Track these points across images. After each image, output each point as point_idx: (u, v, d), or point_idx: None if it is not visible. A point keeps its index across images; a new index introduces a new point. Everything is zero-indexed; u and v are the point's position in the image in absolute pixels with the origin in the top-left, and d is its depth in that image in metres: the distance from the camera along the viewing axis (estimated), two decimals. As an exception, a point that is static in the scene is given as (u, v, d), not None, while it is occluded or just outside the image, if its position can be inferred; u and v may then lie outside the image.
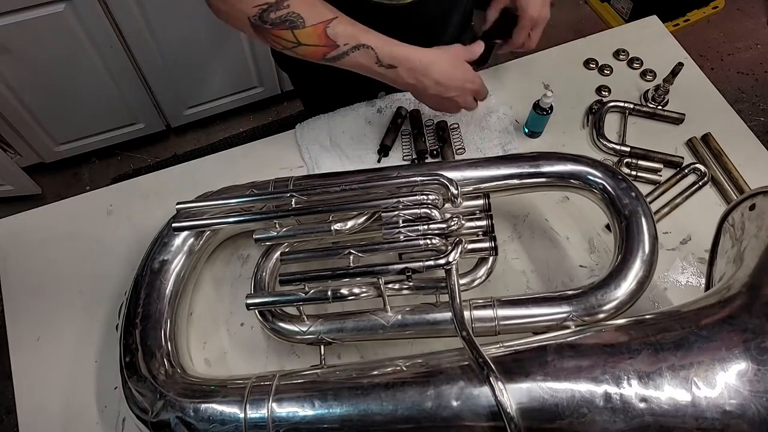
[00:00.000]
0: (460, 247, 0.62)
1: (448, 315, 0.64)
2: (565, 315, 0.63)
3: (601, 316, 0.63)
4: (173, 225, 0.70)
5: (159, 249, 0.73)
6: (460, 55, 0.78)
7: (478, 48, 0.81)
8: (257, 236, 0.68)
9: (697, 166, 0.86)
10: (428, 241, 0.63)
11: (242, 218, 0.69)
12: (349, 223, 0.66)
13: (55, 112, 1.67)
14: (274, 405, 0.58)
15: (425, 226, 0.63)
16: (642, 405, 0.50)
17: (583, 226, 0.82)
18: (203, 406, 0.60)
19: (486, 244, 0.65)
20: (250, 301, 0.65)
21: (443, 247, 0.63)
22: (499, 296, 0.66)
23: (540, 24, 0.85)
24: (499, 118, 0.92)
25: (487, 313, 0.64)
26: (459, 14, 0.92)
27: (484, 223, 0.67)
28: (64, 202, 0.88)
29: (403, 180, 0.67)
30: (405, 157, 0.89)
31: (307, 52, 0.72)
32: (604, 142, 0.88)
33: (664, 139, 0.90)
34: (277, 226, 0.68)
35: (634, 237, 0.65)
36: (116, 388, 0.70)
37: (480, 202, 0.68)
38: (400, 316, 0.66)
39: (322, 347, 0.68)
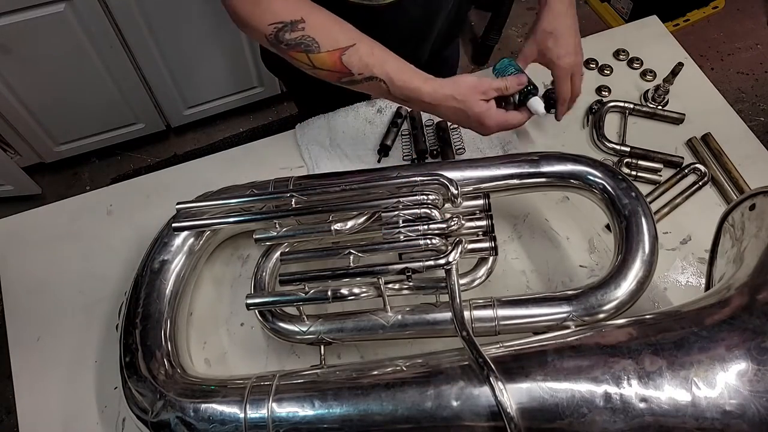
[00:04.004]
0: (460, 247, 0.62)
1: (448, 315, 0.64)
2: (565, 315, 0.63)
3: (601, 316, 0.63)
4: (173, 225, 0.70)
5: (159, 249, 0.73)
6: (469, 97, 0.72)
7: (499, 115, 0.74)
8: (257, 236, 0.68)
9: (697, 166, 0.86)
10: (428, 241, 0.63)
11: (242, 218, 0.69)
12: (349, 223, 0.66)
13: (55, 112, 1.67)
14: (274, 405, 0.58)
15: (425, 226, 0.63)
16: (642, 405, 0.50)
17: (583, 226, 0.82)
18: (203, 406, 0.60)
19: (486, 244, 0.65)
20: (250, 301, 0.65)
21: (443, 247, 0.63)
22: (499, 296, 0.66)
23: (577, 70, 0.81)
24: (499, 118, 0.92)
25: (487, 313, 0.64)
26: (444, 20, 0.90)
27: (484, 223, 0.67)
28: (64, 202, 0.88)
29: (403, 180, 0.67)
30: (405, 157, 0.89)
31: (322, 75, 0.72)
32: (604, 142, 0.88)
33: (664, 139, 0.90)
34: (277, 226, 0.68)
35: (634, 237, 0.65)
36: (116, 388, 0.70)
37: (480, 202, 0.68)
38: (400, 316, 0.66)
39: (322, 347, 0.68)
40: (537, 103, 0.75)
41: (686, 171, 0.86)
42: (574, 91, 0.82)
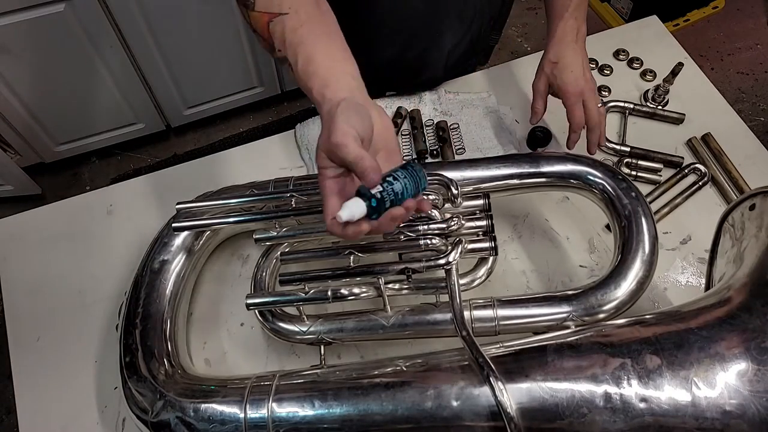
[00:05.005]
0: (460, 247, 0.62)
1: (448, 315, 0.64)
2: (565, 315, 0.63)
3: (601, 316, 0.63)
4: (173, 225, 0.70)
5: (159, 249, 0.73)
6: (320, 147, 0.52)
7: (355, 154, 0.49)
8: (257, 236, 0.68)
9: (697, 166, 0.86)
10: (428, 241, 0.63)
11: (242, 218, 0.69)
12: (349, 223, 0.66)
13: (55, 112, 1.67)
14: (274, 405, 0.58)
15: (425, 226, 0.63)
16: (642, 405, 0.50)
17: (583, 226, 0.82)
18: (203, 406, 0.60)
19: (486, 244, 0.65)
20: (250, 301, 0.65)
21: (443, 247, 0.63)
22: (499, 296, 0.66)
23: (588, 94, 0.77)
24: (499, 118, 0.92)
25: (487, 313, 0.64)
26: (457, 21, 0.87)
27: (484, 223, 0.67)
28: (64, 202, 0.88)
29: (403, 180, 0.67)
30: (405, 157, 0.89)
31: (259, 41, 0.63)
32: (604, 142, 0.88)
33: (664, 139, 0.90)
34: (277, 226, 0.68)
35: (634, 237, 0.65)
36: (116, 388, 0.70)
37: (480, 202, 0.68)
38: (400, 316, 0.66)
39: (322, 347, 0.68)
40: (354, 206, 0.50)
41: (686, 171, 0.86)
42: (591, 117, 0.78)
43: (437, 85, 0.96)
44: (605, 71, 0.98)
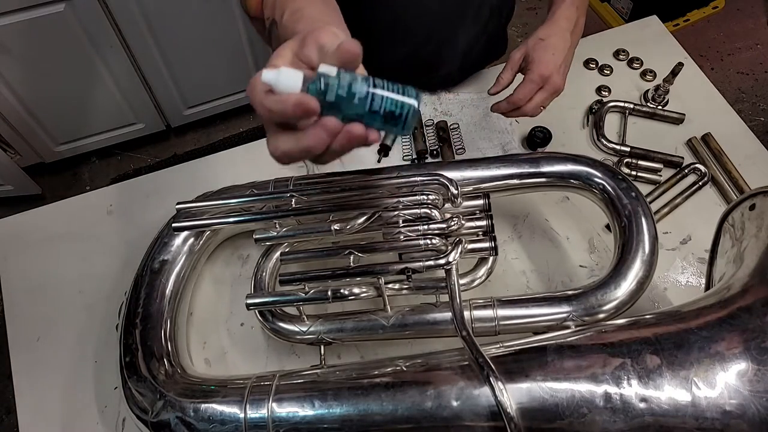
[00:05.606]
0: (460, 247, 0.62)
1: (448, 315, 0.64)
2: (565, 315, 0.63)
3: (601, 316, 0.63)
4: (173, 225, 0.70)
5: (159, 249, 0.73)
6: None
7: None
8: (257, 236, 0.68)
9: (697, 166, 0.86)
10: (428, 241, 0.63)
11: (242, 218, 0.69)
12: (349, 223, 0.66)
13: (55, 112, 1.67)
14: (274, 405, 0.58)
15: (425, 226, 0.63)
16: (642, 405, 0.50)
17: (583, 226, 0.82)
18: (203, 406, 0.60)
19: (486, 244, 0.65)
20: (250, 301, 0.65)
21: (443, 247, 0.63)
22: (499, 296, 0.66)
23: (549, 86, 0.72)
24: (499, 118, 0.92)
25: (487, 313, 0.64)
26: (471, 20, 0.87)
27: (484, 223, 0.67)
28: (64, 202, 0.88)
29: (403, 180, 0.67)
30: (405, 157, 0.89)
31: (255, 27, 0.61)
32: (604, 142, 0.88)
33: (664, 139, 0.90)
34: (277, 226, 0.68)
35: (634, 237, 0.65)
36: (116, 388, 0.70)
37: (480, 202, 0.68)
38: (400, 316, 0.66)
39: (322, 347, 0.68)
40: (289, 74, 0.41)
41: (686, 171, 0.86)
42: (528, 106, 0.73)
43: (454, 84, 0.96)
44: (605, 71, 0.98)
